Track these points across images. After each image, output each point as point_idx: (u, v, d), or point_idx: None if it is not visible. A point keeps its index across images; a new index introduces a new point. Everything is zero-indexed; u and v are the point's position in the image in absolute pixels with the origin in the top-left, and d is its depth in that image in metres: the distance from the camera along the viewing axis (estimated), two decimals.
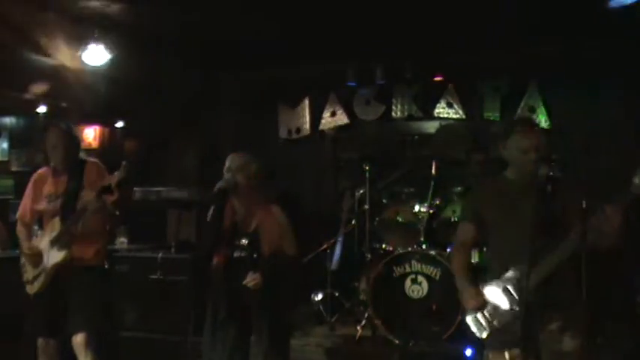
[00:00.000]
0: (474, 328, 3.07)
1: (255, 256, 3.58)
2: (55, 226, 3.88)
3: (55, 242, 3.84)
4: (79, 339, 3.80)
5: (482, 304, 3.03)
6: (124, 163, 3.75)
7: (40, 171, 4.18)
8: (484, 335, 3.04)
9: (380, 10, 5.14)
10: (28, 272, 3.96)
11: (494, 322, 2.99)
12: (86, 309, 3.85)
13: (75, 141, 4.09)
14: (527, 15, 5.16)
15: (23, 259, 4.03)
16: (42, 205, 4.01)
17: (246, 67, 6.93)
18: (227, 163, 3.66)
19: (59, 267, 3.84)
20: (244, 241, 3.60)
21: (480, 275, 3.17)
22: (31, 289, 3.93)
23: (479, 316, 3.04)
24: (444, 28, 5.60)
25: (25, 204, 4.13)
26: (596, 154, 5.64)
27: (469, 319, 3.08)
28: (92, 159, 4.17)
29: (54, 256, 3.83)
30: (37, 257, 3.91)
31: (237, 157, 3.69)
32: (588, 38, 5.66)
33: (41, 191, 4.03)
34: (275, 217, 3.71)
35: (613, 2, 4.65)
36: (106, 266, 4.14)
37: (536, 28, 5.45)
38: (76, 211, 3.81)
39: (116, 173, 3.73)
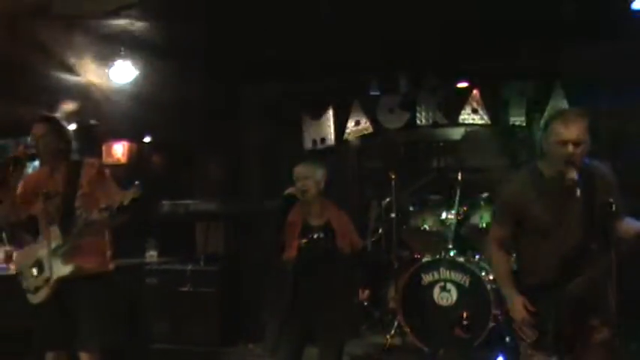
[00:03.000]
0: (521, 335, 2.98)
1: (328, 246, 3.76)
2: (55, 235, 3.68)
3: (57, 253, 3.65)
4: (84, 358, 3.67)
5: (530, 314, 2.93)
6: (137, 182, 3.62)
7: (31, 173, 4.01)
8: (531, 340, 2.95)
9: (402, 18, 5.15)
10: (29, 281, 3.74)
11: (540, 328, 2.92)
12: (92, 326, 3.67)
13: (63, 133, 3.84)
14: (550, 18, 5.13)
15: (20, 266, 3.84)
16: (36, 206, 3.79)
17: (270, 80, 6.98)
18: (295, 173, 3.86)
19: (64, 280, 3.65)
20: (317, 235, 3.77)
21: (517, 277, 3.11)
22: (35, 298, 3.72)
23: (526, 325, 2.95)
24: (466, 34, 5.59)
25: (17, 206, 3.84)
26: (623, 156, 5.57)
27: (516, 327, 2.99)
28: (91, 159, 3.95)
29: (59, 269, 3.64)
30: (35, 265, 3.72)
31: (304, 166, 3.89)
32: (612, 40, 5.60)
33: (33, 191, 3.81)
34: (343, 215, 3.93)
35: (637, 5, 4.60)
36: (111, 267, 3.86)
37: (560, 30, 5.41)
38: (74, 215, 3.65)
39: (130, 192, 3.59)
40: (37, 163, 4.01)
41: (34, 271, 3.73)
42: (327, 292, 3.72)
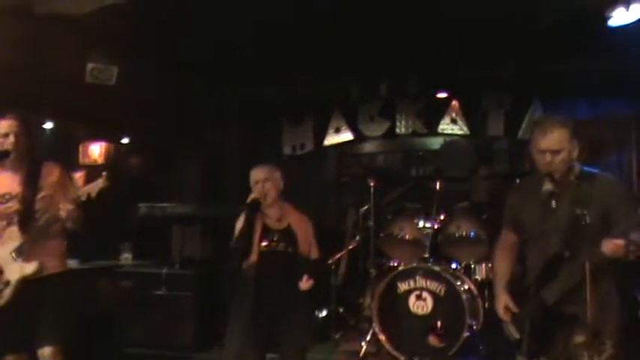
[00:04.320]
0: (507, 331, 3.11)
1: (290, 250, 3.71)
2: (13, 235, 3.60)
3: (18, 253, 3.57)
4: (45, 353, 3.58)
5: (512, 314, 3.05)
6: (104, 173, 3.61)
7: None
8: (514, 338, 3.06)
9: (384, 27, 5.18)
10: None
11: (523, 330, 2.99)
12: (53, 321, 3.61)
13: (27, 132, 3.74)
14: (529, 32, 5.20)
15: None
16: None
17: (250, 84, 6.97)
18: (253, 176, 3.79)
19: (26, 279, 3.57)
20: (277, 238, 3.71)
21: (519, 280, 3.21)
22: None
23: (510, 324, 3.07)
24: (447, 45, 5.65)
25: None
26: (600, 170, 5.66)
27: (504, 324, 3.13)
28: (51, 162, 3.84)
29: (22, 268, 3.57)
30: None
31: (260, 169, 3.83)
32: (590, 55, 5.69)
33: None
34: (304, 219, 3.87)
35: (614, 21, 4.70)
36: (67, 268, 3.84)
37: (539, 45, 5.49)
38: (33, 216, 3.59)
39: (99, 181, 3.58)
40: None
41: None
42: (289, 298, 3.67)
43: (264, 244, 3.69)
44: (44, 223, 3.60)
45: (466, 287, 5.16)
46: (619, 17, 4.66)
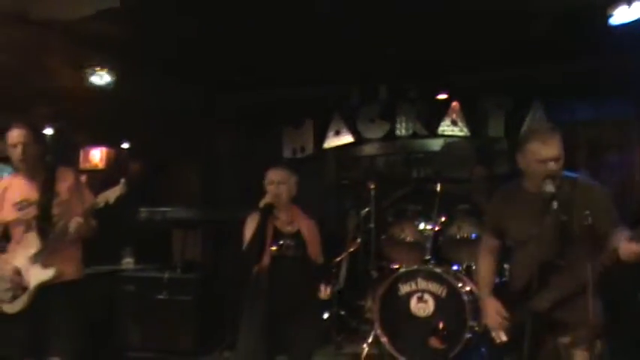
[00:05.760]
0: (493, 334, 3.10)
1: (299, 254, 3.71)
2: (31, 241, 3.64)
3: (37, 259, 3.61)
4: None
5: (500, 320, 3.05)
6: (122, 180, 3.63)
7: (2, 180, 3.93)
8: (500, 342, 3.05)
9: (384, 29, 5.17)
10: (4, 290, 3.64)
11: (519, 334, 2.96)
12: (65, 332, 3.62)
13: (38, 140, 3.76)
14: (530, 33, 5.19)
15: None
16: (10, 215, 3.70)
17: (250, 87, 6.96)
18: (269, 177, 3.79)
19: (44, 285, 3.60)
20: (288, 242, 3.71)
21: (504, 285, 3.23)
22: (10, 308, 3.62)
23: (496, 329, 3.07)
24: (447, 47, 5.63)
25: None
26: (599, 172, 5.64)
27: (489, 328, 3.12)
28: (66, 167, 3.89)
29: (39, 274, 3.60)
30: (9, 274, 3.63)
31: (278, 171, 3.82)
32: (591, 55, 5.67)
33: (5, 199, 3.74)
34: (312, 223, 3.87)
35: (615, 19, 4.67)
36: (83, 275, 3.84)
37: (539, 45, 5.47)
38: (51, 221, 3.62)
39: (117, 188, 3.61)
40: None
41: (8, 280, 3.63)
42: (299, 302, 3.68)
43: (274, 248, 3.69)
44: (62, 229, 3.62)
45: (467, 289, 5.14)
46: (620, 15, 4.63)
